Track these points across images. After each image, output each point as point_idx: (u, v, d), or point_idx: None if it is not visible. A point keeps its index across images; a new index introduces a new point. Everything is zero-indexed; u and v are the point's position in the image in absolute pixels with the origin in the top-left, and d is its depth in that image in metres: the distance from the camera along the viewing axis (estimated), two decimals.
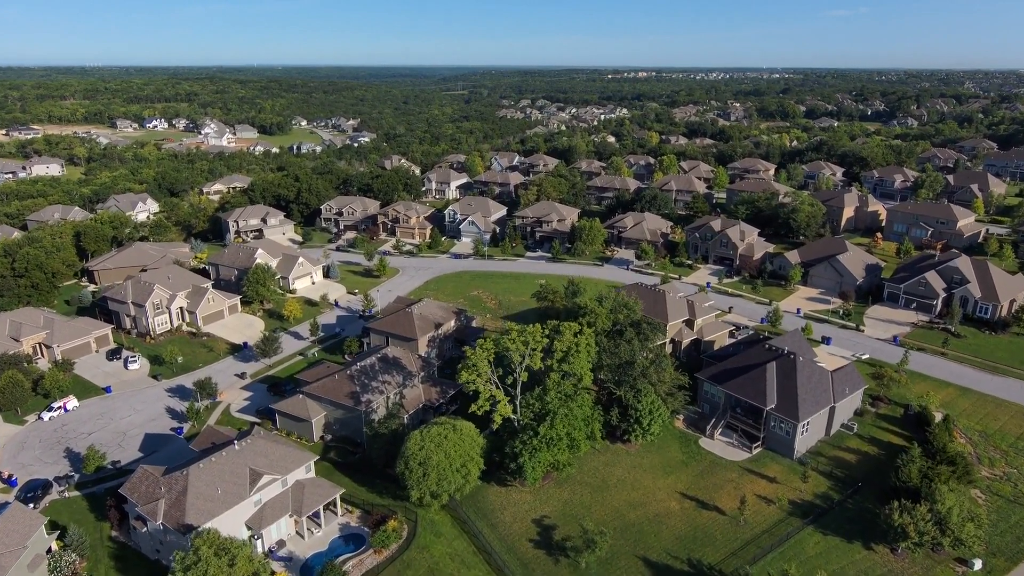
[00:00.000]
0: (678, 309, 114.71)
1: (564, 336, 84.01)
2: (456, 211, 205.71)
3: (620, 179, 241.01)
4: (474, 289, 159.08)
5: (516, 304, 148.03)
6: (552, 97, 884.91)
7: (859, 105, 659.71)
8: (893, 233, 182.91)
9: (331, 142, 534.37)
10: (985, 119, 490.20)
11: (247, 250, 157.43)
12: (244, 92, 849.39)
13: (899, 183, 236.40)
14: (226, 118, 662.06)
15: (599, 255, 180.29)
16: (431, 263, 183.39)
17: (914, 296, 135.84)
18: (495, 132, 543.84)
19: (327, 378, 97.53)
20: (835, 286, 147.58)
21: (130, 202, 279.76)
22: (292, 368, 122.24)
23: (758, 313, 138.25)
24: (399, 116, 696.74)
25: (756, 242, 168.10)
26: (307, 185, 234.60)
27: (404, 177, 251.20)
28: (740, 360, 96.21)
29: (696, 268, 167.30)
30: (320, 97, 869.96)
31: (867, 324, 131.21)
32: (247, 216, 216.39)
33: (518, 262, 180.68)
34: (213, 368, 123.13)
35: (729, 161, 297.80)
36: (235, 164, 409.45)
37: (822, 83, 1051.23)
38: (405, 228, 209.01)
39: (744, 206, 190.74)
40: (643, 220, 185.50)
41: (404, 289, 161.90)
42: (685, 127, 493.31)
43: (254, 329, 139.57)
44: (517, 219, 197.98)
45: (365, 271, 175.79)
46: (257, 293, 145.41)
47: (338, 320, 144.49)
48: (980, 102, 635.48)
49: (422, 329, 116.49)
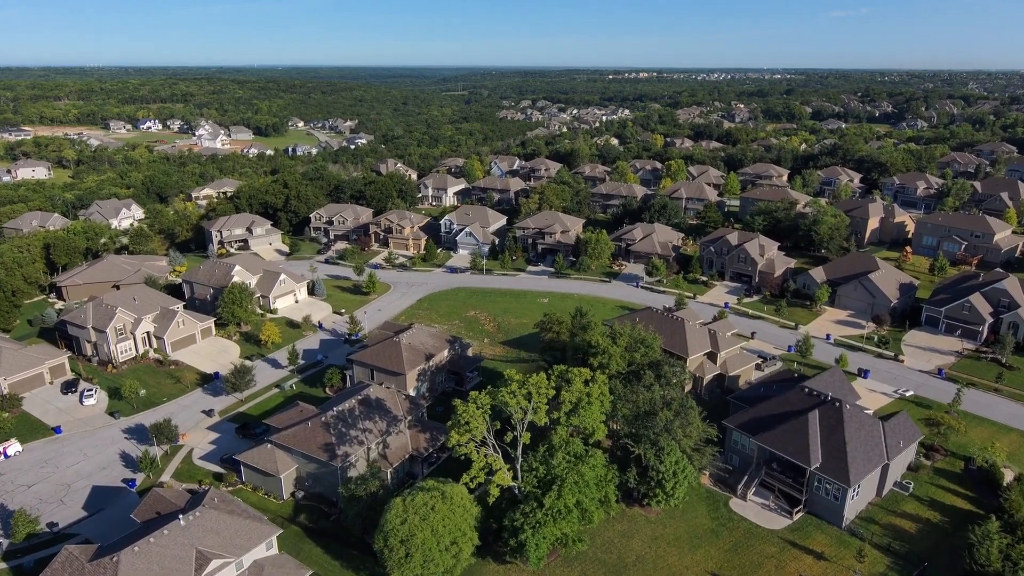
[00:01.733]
0: (699, 340, 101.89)
1: (573, 385, 71.14)
2: (453, 221, 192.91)
3: (626, 186, 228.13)
4: (471, 309, 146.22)
5: (516, 327, 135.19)
6: (553, 98, 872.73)
7: (866, 107, 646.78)
8: (922, 247, 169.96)
9: (327, 144, 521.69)
10: (997, 121, 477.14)
11: (223, 267, 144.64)
12: (242, 93, 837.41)
13: (922, 190, 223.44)
14: (222, 119, 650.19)
15: (606, 270, 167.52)
16: (425, 278, 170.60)
17: (957, 321, 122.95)
18: (495, 134, 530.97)
19: (299, 425, 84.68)
20: (866, 308, 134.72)
21: (113, 208, 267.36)
22: (267, 404, 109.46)
23: (783, 339, 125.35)
24: (398, 117, 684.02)
25: (777, 257, 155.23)
26: (296, 192, 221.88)
27: (399, 183, 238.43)
28: (775, 406, 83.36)
29: (712, 285, 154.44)
30: (318, 98, 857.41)
31: (906, 353, 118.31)
32: (231, 225, 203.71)
33: (519, 277, 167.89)
34: (179, 403, 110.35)
35: (739, 166, 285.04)
36: (228, 167, 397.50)
37: (824, 84, 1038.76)
38: (398, 239, 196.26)
39: (761, 217, 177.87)
40: (653, 232, 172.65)
41: (395, 308, 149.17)
42: (690, 129, 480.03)
43: (228, 355, 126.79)
44: (518, 230, 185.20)
45: (354, 287, 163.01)
46: (233, 315, 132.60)
47: (321, 345, 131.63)
48: (990, 103, 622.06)
49: (411, 362, 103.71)
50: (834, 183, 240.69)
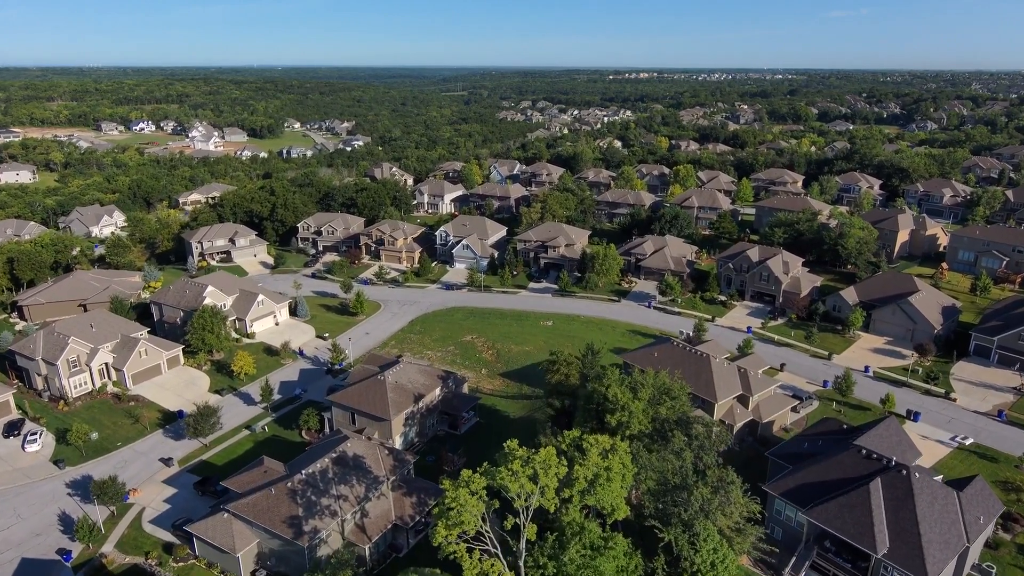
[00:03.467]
0: (728, 382, 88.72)
1: (589, 457, 57.99)
2: (448, 233, 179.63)
3: (633, 193, 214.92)
4: (467, 333, 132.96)
5: (518, 356, 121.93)
6: (553, 98, 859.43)
7: (873, 108, 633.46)
8: (957, 262, 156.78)
9: (323, 146, 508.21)
10: (1011, 122, 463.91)
11: (195, 287, 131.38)
12: (238, 93, 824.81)
13: (948, 199, 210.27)
14: (217, 120, 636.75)
15: (615, 287, 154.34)
16: (418, 295, 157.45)
17: (1012, 352, 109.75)
18: (495, 135, 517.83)
19: (262, 492, 71.50)
20: (906, 334, 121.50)
21: (94, 215, 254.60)
22: (235, 450, 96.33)
23: (816, 371, 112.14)
24: (396, 118, 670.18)
25: (802, 275, 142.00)
26: (283, 200, 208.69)
27: (393, 190, 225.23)
28: (827, 470, 70.19)
29: (731, 306, 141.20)
30: (316, 98, 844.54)
31: (956, 389, 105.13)
32: (213, 236, 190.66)
33: (520, 295, 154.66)
34: (135, 448, 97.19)
35: (750, 171, 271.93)
36: (219, 170, 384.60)
37: (827, 84, 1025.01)
38: (391, 251, 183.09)
39: (781, 229, 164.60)
40: (665, 246, 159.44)
41: (384, 331, 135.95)
42: (695, 131, 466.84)
43: (197, 388, 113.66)
44: (518, 243, 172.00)
45: (341, 305, 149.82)
46: (203, 342, 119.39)
47: (301, 376, 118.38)
48: (999, 104, 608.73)
49: (398, 405, 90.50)
50: (853, 190, 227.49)
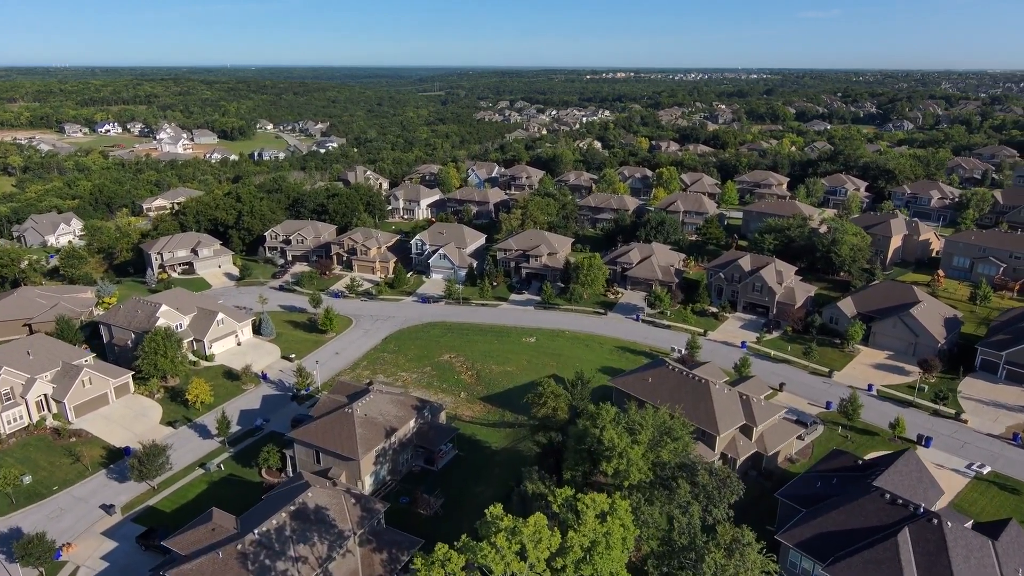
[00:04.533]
0: (730, 411, 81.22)
1: (584, 520, 49.88)
2: (424, 241, 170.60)
3: (617, 197, 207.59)
4: (445, 351, 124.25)
5: (499, 378, 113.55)
6: (531, 98, 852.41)
7: (850, 107, 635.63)
8: (952, 268, 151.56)
9: (296, 148, 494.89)
10: (986, 122, 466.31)
11: (147, 306, 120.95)
12: (209, 94, 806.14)
13: (936, 201, 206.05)
14: (186, 122, 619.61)
15: (600, 299, 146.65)
16: (393, 309, 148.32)
17: (1022, 368, 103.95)
18: (472, 136, 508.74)
19: (208, 556, 62.28)
20: (907, 348, 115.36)
21: (51, 223, 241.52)
22: (186, 492, 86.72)
23: (817, 391, 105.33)
24: (372, 119, 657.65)
25: (796, 285, 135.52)
26: (250, 207, 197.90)
27: (366, 196, 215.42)
28: (846, 516, 62.89)
29: (723, 318, 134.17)
30: (290, 99, 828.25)
31: (966, 408, 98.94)
32: (174, 246, 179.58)
33: (500, 308, 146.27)
34: (73, 494, 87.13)
35: (734, 172, 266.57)
36: (188, 174, 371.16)
37: (801, 84, 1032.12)
38: (363, 261, 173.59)
39: (771, 235, 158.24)
40: (652, 254, 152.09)
41: (356, 351, 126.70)
42: (674, 131, 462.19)
43: (147, 420, 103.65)
44: (498, 251, 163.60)
45: (310, 322, 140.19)
46: (155, 367, 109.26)
47: (263, 403, 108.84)
48: (972, 104, 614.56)
49: (367, 442, 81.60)
50: (840, 192, 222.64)
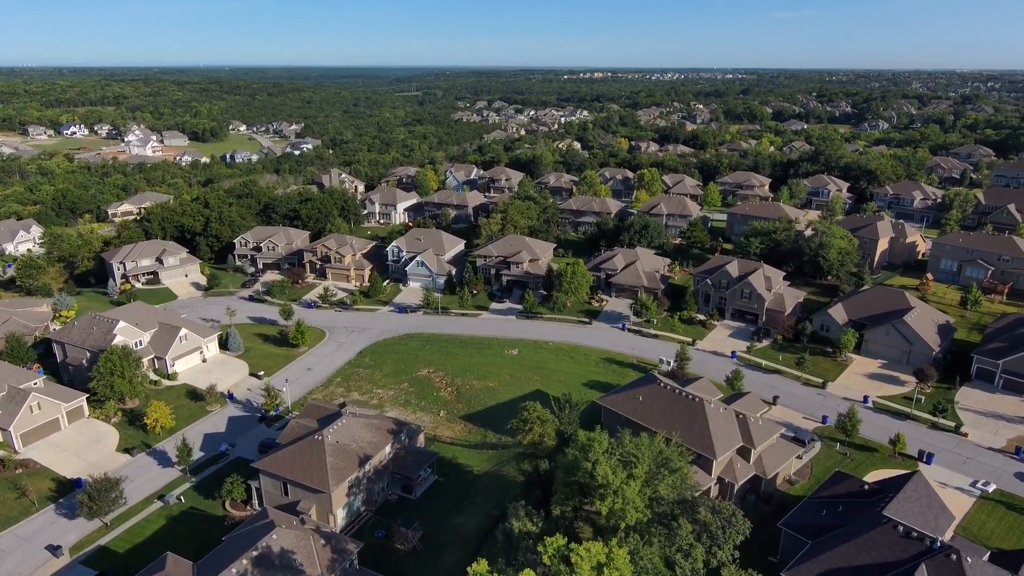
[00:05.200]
0: (727, 432, 76.54)
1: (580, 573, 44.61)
2: (401, 248, 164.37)
3: (599, 200, 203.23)
4: (423, 366, 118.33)
5: (481, 394, 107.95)
6: (509, 99, 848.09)
7: (826, 107, 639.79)
8: (940, 271, 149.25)
9: (269, 150, 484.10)
10: (959, 121, 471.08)
11: (103, 323, 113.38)
12: (180, 95, 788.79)
13: (918, 202, 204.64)
14: (156, 124, 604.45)
15: (584, 307, 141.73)
16: (368, 320, 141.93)
17: (1019, 377, 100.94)
18: (450, 137, 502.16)
19: None
20: (901, 356, 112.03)
21: (9, 230, 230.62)
22: (143, 529, 79.86)
23: (812, 403, 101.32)
24: (348, 119, 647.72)
25: (785, 291, 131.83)
26: (218, 213, 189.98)
27: (340, 200, 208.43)
28: (857, 551, 58.46)
29: (711, 326, 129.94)
30: (264, 99, 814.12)
31: (965, 420, 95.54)
32: (138, 255, 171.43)
33: (481, 318, 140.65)
34: (17, 533, 79.75)
35: (715, 173, 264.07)
36: (156, 177, 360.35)
37: (776, 83, 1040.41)
38: (338, 269, 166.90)
39: (757, 239, 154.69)
40: (636, 260, 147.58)
41: (329, 366, 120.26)
42: (653, 131, 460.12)
43: (102, 447, 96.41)
44: (478, 258, 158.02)
45: (280, 335, 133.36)
46: (112, 389, 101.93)
47: (230, 425, 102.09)
48: (944, 103, 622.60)
49: (339, 472, 75.57)
50: (823, 193, 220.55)
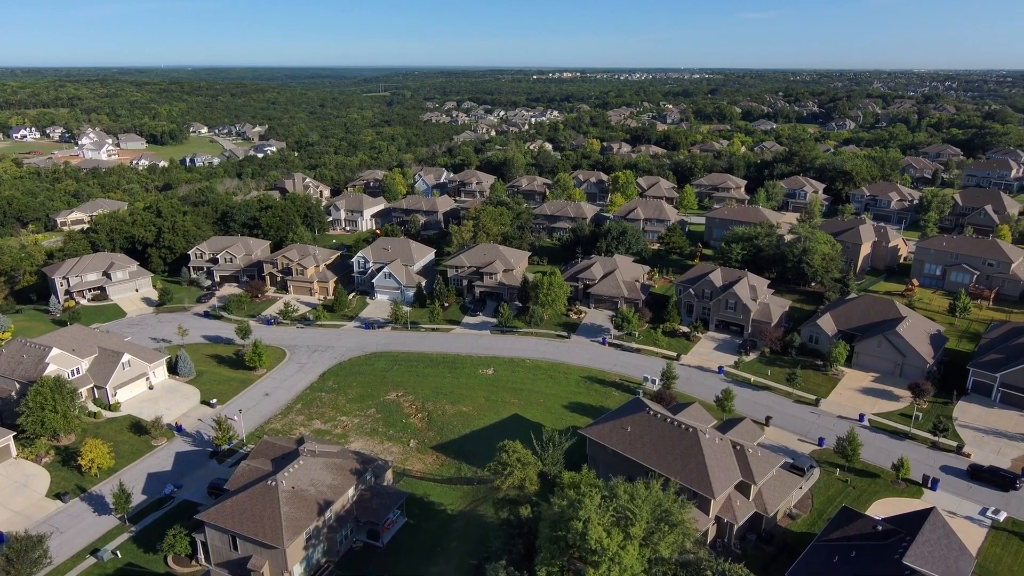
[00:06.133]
0: (725, 467, 69.99)
1: None
2: (368, 258, 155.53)
3: (574, 205, 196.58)
4: (391, 389, 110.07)
5: (454, 420, 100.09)
6: (478, 99, 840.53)
7: (794, 107, 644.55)
8: (923, 276, 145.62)
9: (231, 153, 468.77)
10: (922, 120, 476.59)
11: (34, 351, 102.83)
12: (139, 96, 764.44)
13: (895, 203, 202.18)
14: (112, 126, 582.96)
15: (562, 319, 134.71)
16: (332, 337, 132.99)
17: (1018, 391, 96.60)
18: (419, 139, 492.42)
19: None
20: (894, 369, 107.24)
21: None
22: None
23: (806, 423, 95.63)
24: (314, 121, 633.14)
25: (771, 300, 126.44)
26: (171, 223, 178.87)
27: (303, 207, 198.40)
28: None
29: (695, 338, 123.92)
30: (226, 100, 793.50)
31: (964, 438, 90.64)
32: (83, 269, 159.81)
33: (453, 333, 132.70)
34: None
35: (689, 174, 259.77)
36: (111, 182, 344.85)
37: (743, 83, 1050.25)
38: (300, 281, 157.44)
39: (739, 245, 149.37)
40: (615, 268, 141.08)
41: (289, 390, 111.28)
42: (624, 132, 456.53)
43: (30, 493, 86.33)
44: (449, 268, 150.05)
45: (237, 356, 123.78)
46: (43, 425, 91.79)
47: (177, 462, 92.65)
48: (908, 103, 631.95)
49: (295, 523, 67.13)
50: (799, 195, 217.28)
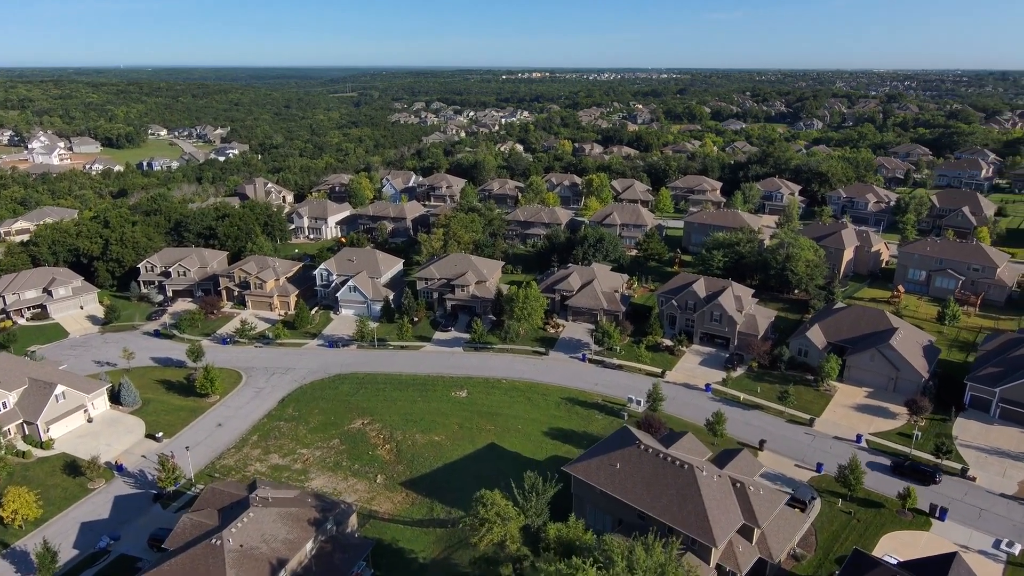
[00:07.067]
0: (725, 509, 63.41)
1: None
2: (331, 271, 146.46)
3: (548, 210, 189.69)
4: (356, 416, 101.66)
5: (425, 452, 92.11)
6: (447, 99, 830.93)
7: (762, 107, 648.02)
8: (907, 282, 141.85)
9: (192, 156, 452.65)
10: (888, 120, 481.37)
11: None
12: (95, 97, 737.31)
13: (872, 205, 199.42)
14: (66, 129, 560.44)
15: (538, 333, 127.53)
16: (294, 358, 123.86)
17: (1019, 407, 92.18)
18: (387, 140, 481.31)
19: None
20: (887, 384, 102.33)
21: None
22: None
23: (802, 446, 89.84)
24: (278, 122, 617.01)
25: (757, 311, 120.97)
26: (119, 234, 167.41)
27: (263, 215, 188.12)
28: None
29: (679, 352, 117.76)
30: (187, 101, 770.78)
31: (967, 459, 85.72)
32: (21, 286, 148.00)
33: (423, 351, 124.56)
34: None
35: (663, 176, 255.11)
36: (62, 189, 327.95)
37: (711, 83, 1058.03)
38: (259, 296, 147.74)
39: (720, 251, 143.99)
40: (594, 278, 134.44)
41: (244, 419, 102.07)
42: (596, 132, 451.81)
43: None
44: (419, 280, 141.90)
45: (188, 381, 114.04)
46: None
47: (116, 508, 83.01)
48: (872, 102, 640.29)
49: None
50: (776, 197, 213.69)
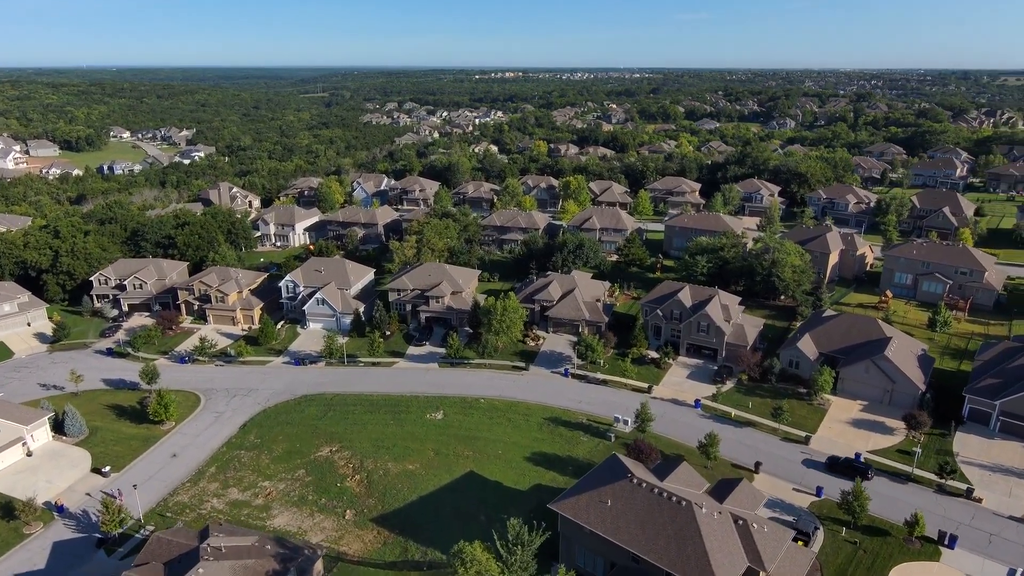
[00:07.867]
0: (727, 551, 57.80)
1: None
2: (298, 283, 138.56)
3: (525, 214, 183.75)
4: (324, 443, 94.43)
5: (398, 482, 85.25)
6: (420, 99, 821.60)
7: (735, 106, 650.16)
8: (893, 286, 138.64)
9: (156, 159, 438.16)
10: (859, 119, 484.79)
11: None
12: (54, 98, 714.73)
13: (853, 206, 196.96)
14: (22, 131, 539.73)
15: (518, 346, 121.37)
16: (257, 378, 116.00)
17: (1020, 419, 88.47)
18: (359, 142, 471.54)
19: None
20: (883, 396, 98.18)
21: None
22: None
23: (797, 465, 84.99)
24: (247, 124, 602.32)
25: (744, 320, 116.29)
26: (70, 244, 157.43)
27: (226, 222, 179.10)
28: None
29: (666, 365, 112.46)
30: (152, 103, 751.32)
31: (970, 478, 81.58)
32: None
33: (396, 368, 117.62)
34: None
35: (641, 177, 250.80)
36: (16, 194, 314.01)
37: (683, 83, 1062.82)
38: (221, 310, 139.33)
39: (704, 257, 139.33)
40: (575, 287, 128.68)
41: (202, 448, 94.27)
42: (571, 132, 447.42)
43: None
44: (391, 291, 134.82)
45: (140, 405, 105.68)
46: None
47: (54, 556, 74.81)
48: (842, 101, 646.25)
49: None
50: (756, 198, 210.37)
